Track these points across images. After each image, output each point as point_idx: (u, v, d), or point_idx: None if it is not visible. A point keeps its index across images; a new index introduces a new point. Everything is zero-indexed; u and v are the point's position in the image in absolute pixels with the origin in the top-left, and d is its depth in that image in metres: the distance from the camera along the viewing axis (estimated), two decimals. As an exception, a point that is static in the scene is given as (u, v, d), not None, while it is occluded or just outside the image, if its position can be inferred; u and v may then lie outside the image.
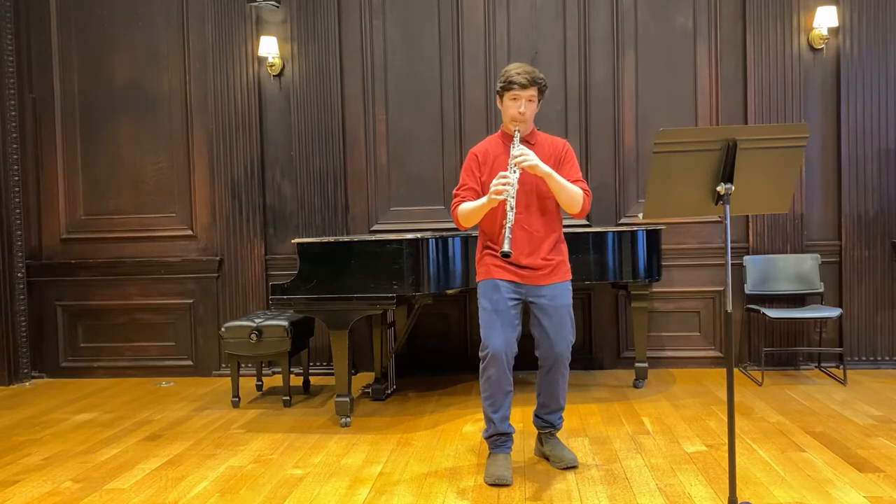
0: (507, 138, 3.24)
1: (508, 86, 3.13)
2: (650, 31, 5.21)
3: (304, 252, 3.99)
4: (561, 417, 3.38)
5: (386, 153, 5.38)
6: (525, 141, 3.17)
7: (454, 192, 3.28)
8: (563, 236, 3.30)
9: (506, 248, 2.88)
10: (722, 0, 5.13)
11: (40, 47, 5.58)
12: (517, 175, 3.01)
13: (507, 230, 2.91)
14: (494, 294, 3.16)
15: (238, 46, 5.35)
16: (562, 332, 3.19)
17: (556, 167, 3.17)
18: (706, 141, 2.53)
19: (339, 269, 3.94)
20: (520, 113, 3.14)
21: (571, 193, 3.11)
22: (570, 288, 3.27)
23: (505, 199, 2.97)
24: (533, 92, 3.14)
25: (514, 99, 3.14)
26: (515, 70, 3.14)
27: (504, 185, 2.95)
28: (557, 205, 3.22)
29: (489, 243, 3.24)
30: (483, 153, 3.27)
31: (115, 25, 5.54)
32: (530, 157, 3.01)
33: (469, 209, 3.16)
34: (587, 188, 3.20)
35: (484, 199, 3.06)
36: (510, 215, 2.94)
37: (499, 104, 3.26)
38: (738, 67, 5.12)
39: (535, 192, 3.16)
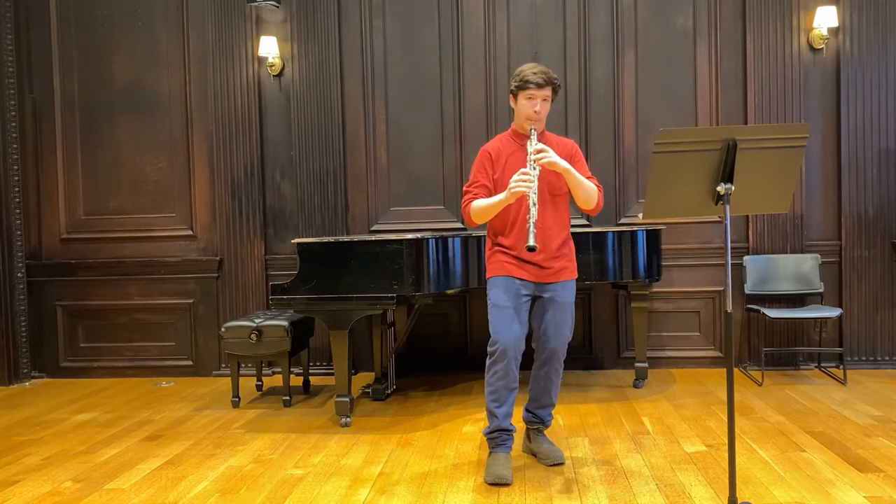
0: (520, 137, 3.28)
1: (524, 85, 3.16)
2: (650, 31, 5.20)
3: (304, 252, 3.99)
4: (551, 415, 3.42)
5: (386, 153, 5.38)
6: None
7: (465, 188, 3.29)
8: (570, 235, 3.34)
9: (531, 241, 2.90)
10: (722, 0, 5.13)
11: (40, 47, 5.58)
12: (537, 171, 3.04)
13: (532, 225, 2.93)
14: (507, 290, 3.18)
15: (238, 46, 5.35)
16: (562, 328, 3.24)
17: None
18: (706, 141, 2.53)
19: (339, 269, 3.94)
20: (535, 112, 3.17)
21: (588, 189, 3.16)
22: (575, 286, 3.33)
23: (524, 196, 2.99)
24: (548, 92, 3.18)
25: (530, 98, 3.17)
26: (531, 70, 3.17)
27: (526, 181, 2.97)
28: (567, 203, 3.27)
29: (500, 240, 3.26)
30: (496, 151, 3.29)
31: (115, 25, 5.54)
32: (550, 154, 3.03)
33: (483, 206, 3.17)
34: (599, 185, 3.24)
35: (502, 196, 3.08)
36: (533, 210, 2.96)
37: (511, 103, 3.28)
38: (738, 67, 5.12)
39: (546, 190, 3.19)
